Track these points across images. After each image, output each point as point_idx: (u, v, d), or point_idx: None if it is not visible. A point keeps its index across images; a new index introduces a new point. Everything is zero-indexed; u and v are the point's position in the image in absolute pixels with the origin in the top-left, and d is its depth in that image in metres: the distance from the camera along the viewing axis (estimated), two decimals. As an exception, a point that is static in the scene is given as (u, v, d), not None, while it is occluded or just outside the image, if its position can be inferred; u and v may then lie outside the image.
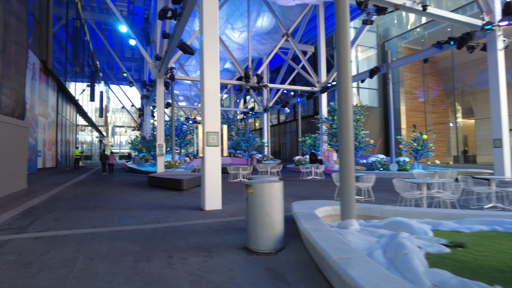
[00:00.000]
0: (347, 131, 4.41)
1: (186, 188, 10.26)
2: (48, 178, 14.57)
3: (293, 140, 38.57)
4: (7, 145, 9.15)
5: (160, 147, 16.34)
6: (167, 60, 14.39)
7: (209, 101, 6.85)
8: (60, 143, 20.33)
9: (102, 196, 8.98)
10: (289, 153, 39.59)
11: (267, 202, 3.75)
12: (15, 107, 9.64)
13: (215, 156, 6.82)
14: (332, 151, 19.61)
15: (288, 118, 40.51)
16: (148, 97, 25.18)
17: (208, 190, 6.69)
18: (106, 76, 45.63)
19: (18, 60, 9.74)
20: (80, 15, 24.53)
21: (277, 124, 42.32)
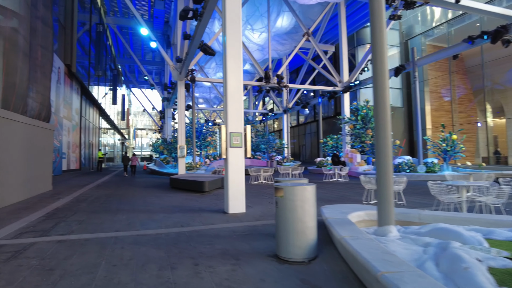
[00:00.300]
0: (384, 132, 4.06)
1: (208, 190, 10.09)
2: (72, 180, 14.79)
3: (313, 141, 38.00)
4: (33, 147, 9.27)
5: (181, 149, 16.32)
6: (187, 61, 14.35)
7: (232, 101, 6.63)
8: (84, 145, 20.72)
9: (124, 198, 8.93)
10: (309, 154, 39.03)
11: (299, 206, 3.46)
12: (41, 109, 9.77)
13: (239, 158, 6.58)
14: (355, 152, 19.04)
15: (307, 119, 39.97)
16: (169, 99, 25.37)
17: (232, 193, 6.46)
18: (127, 80, 46.59)
19: (44, 63, 9.88)
20: (102, 20, 25.06)
21: (296, 125, 41.85)
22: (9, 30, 8.14)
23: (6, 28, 8.07)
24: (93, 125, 25.19)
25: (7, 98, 7.83)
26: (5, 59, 7.91)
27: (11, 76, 7.93)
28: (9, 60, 7.98)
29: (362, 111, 18.50)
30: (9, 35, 8.10)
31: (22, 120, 8.32)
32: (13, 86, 7.93)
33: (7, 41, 8.00)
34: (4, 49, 8.03)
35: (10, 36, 8.12)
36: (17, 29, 8.23)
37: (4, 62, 7.97)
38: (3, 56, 8.02)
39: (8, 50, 8.03)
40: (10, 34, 8.15)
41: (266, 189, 11.05)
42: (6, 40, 7.99)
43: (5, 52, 7.98)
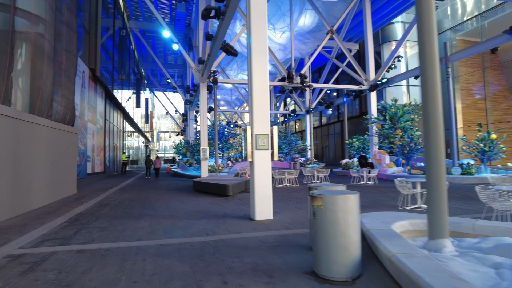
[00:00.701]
0: (435, 130, 3.55)
1: (232, 194, 9.76)
2: (97, 183, 14.89)
3: (337, 142, 37.07)
4: (58, 151, 9.26)
5: (204, 151, 16.13)
6: (210, 63, 14.13)
7: (258, 102, 6.25)
8: (108, 148, 20.99)
9: (147, 202, 8.74)
10: (333, 156, 38.10)
11: (342, 219, 3.02)
12: (66, 113, 9.77)
13: (265, 161, 6.19)
14: (384, 153, 18.22)
15: (330, 119, 39.07)
16: (191, 102, 25.38)
17: (258, 198, 6.08)
18: (150, 83, 47.35)
19: (68, 67, 9.89)
20: (125, 24, 25.44)
21: (319, 126, 41.02)
22: (34, 34, 8.15)
23: (31, 33, 8.08)
24: (117, 128, 25.56)
25: (32, 102, 7.81)
26: (31, 63, 7.90)
27: (36, 80, 7.91)
28: (35, 64, 7.98)
29: (391, 110, 17.67)
30: (34, 40, 8.10)
31: (47, 124, 8.30)
32: (38, 90, 7.91)
33: (32, 46, 8.00)
34: (29, 54, 8.03)
35: (35, 41, 8.13)
36: (42, 34, 8.23)
37: (30, 66, 7.97)
38: (30, 60, 8.02)
39: (34, 54, 8.03)
40: (35, 38, 8.15)
41: (291, 193, 10.60)
42: (32, 44, 7.99)
43: (31, 57, 7.98)
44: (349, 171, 19.84)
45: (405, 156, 16.95)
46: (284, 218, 6.23)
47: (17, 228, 5.50)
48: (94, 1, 16.40)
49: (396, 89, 28.93)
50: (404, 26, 29.49)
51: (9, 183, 6.56)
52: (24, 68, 7.76)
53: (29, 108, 7.72)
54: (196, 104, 25.75)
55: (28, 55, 7.99)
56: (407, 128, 17.27)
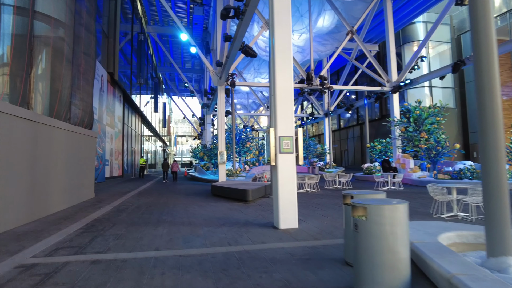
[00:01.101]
0: (494, 129, 3.08)
1: (251, 199, 9.39)
2: (115, 187, 14.83)
3: (356, 146, 36.20)
4: (76, 155, 9.15)
5: (222, 155, 15.86)
6: (228, 65, 13.88)
7: (281, 101, 5.88)
8: (126, 152, 21.05)
9: (165, 207, 8.48)
10: (352, 160, 37.21)
11: (390, 232, 2.60)
12: (83, 116, 9.68)
13: (290, 165, 5.80)
14: (408, 157, 17.46)
15: (349, 122, 38.24)
16: (208, 106, 25.27)
17: (283, 205, 5.68)
18: (168, 88, 47.79)
19: (86, 70, 9.82)
20: (144, 29, 25.64)
21: (337, 129, 40.24)
22: (53, 37, 8.07)
23: (50, 36, 8.00)
24: (136, 132, 25.71)
25: (51, 105, 7.70)
26: (50, 66, 7.82)
27: (55, 82, 7.82)
28: (53, 67, 7.89)
29: (415, 113, 16.94)
30: (53, 43, 8.03)
31: (65, 127, 8.19)
32: (57, 92, 7.80)
33: (51, 48, 7.92)
34: (48, 56, 7.95)
35: (54, 44, 8.05)
36: (61, 37, 8.15)
37: (49, 69, 7.89)
38: (49, 63, 7.94)
39: (52, 57, 7.95)
40: (54, 41, 8.08)
41: (314, 199, 10.13)
42: (51, 47, 7.91)
43: (50, 59, 7.90)
44: (371, 176, 19.17)
45: (431, 160, 16.17)
46: (310, 226, 5.81)
47: (33, 234, 5.31)
48: (113, 6, 16.51)
49: (418, 91, 28.00)
50: (426, 26, 28.59)
51: (27, 187, 6.42)
52: (43, 71, 7.67)
53: (48, 111, 7.62)
54: (213, 108, 25.61)
55: (47, 57, 7.92)
56: (432, 131, 16.51)
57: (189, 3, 23.44)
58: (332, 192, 12.23)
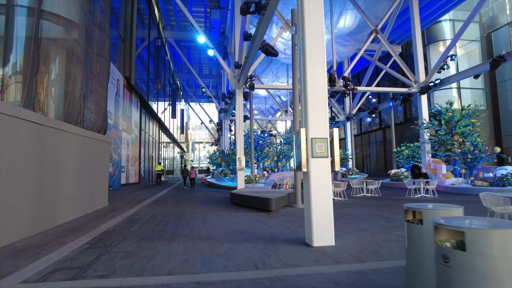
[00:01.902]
0: None
1: (275, 209, 8.59)
2: (130, 194, 14.34)
3: (379, 151, 34.80)
4: (88, 161, 8.62)
5: (240, 161, 15.15)
6: (247, 66, 13.22)
7: (313, 97, 5.11)
8: (143, 158, 20.67)
9: (182, 217, 7.79)
10: (375, 166, 35.78)
11: (502, 268, 1.76)
12: (96, 120, 9.18)
13: (324, 171, 4.99)
14: (439, 162, 16.24)
15: (370, 126, 36.89)
16: (226, 110, 24.72)
17: (316, 219, 4.86)
18: (186, 94, 47.80)
19: (100, 72, 9.35)
20: (161, 35, 25.47)
21: (358, 134, 38.94)
22: (63, 36, 7.60)
23: (60, 35, 7.54)
24: (153, 138, 25.41)
25: (60, 107, 7.19)
26: (59, 65, 7.33)
27: (65, 84, 7.31)
28: (63, 67, 7.40)
29: (447, 114, 15.76)
30: (63, 42, 7.55)
31: (75, 132, 7.67)
32: (66, 94, 7.29)
33: (60, 47, 7.44)
34: (58, 56, 7.48)
35: (64, 43, 7.58)
36: (72, 35, 7.67)
37: (58, 69, 7.40)
38: (59, 63, 7.47)
39: (62, 56, 7.47)
40: (64, 40, 7.60)
41: (343, 209, 9.23)
42: (59, 46, 7.44)
43: (60, 59, 7.42)
44: (399, 183, 18.00)
45: (467, 165, 14.91)
46: (348, 244, 4.96)
47: (32, 250, 4.69)
48: (130, 9, 16.22)
49: (445, 92, 26.57)
50: (453, 24, 27.23)
51: (32, 196, 5.87)
52: (52, 71, 7.18)
53: (57, 114, 7.10)
54: (231, 113, 25.05)
55: (56, 57, 7.44)
56: (467, 134, 15.28)
57: (206, 6, 23.09)
58: (361, 201, 11.26)
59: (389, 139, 33.21)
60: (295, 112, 9.62)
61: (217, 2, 22.66)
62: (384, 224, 6.65)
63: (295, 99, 9.99)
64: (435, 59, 25.57)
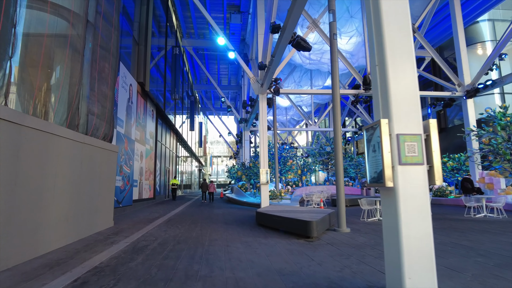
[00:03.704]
0: None
1: (316, 235, 6.74)
2: (142, 211, 12.78)
3: (410, 164, 32.22)
4: (88, 173, 7.11)
5: (265, 174, 13.39)
6: (273, 66, 11.61)
7: (396, 75, 3.37)
8: (159, 172, 19.23)
9: (199, 246, 6.07)
10: (405, 180, 33.13)
11: None
12: (99, 124, 7.71)
13: (420, 186, 3.19)
14: (496, 175, 13.95)
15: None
16: (246, 120, 23.19)
17: (410, 261, 3.04)
18: (204, 107, 46.90)
19: (104, 68, 7.94)
20: (179, 43, 24.47)
21: (386, 146, 36.45)
22: (50, 16, 6.23)
23: (46, 15, 6.16)
24: (170, 150, 24.07)
25: (45, 104, 5.72)
26: (44, 49, 5.91)
27: (53, 74, 5.86)
28: (50, 54, 5.99)
29: (504, 119, 13.56)
30: (50, 23, 6.17)
31: (69, 136, 6.17)
32: (55, 88, 5.83)
33: (46, 29, 6.04)
34: (44, 41, 6.08)
35: (51, 24, 6.19)
36: (63, 16, 6.27)
37: (42, 54, 5.98)
38: (43, 47, 6.07)
39: (49, 41, 6.07)
40: (52, 21, 6.22)
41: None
42: (46, 28, 6.04)
43: (45, 44, 6.01)
44: (445, 199, 15.76)
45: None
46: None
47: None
48: (145, 11, 15.11)
49: (486, 98, 24.15)
50: (493, 25, 25.00)
51: (4, 218, 4.33)
52: (35, 58, 5.75)
53: (41, 113, 5.63)
54: (251, 123, 23.48)
55: (42, 42, 6.04)
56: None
57: (226, 12, 21.96)
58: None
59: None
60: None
61: (237, 7, 21.51)
62: (479, 260, 4.72)
63: (336, 99, 8.25)
64: (472, 63, 23.34)
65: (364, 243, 6.20)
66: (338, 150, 8.09)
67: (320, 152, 26.20)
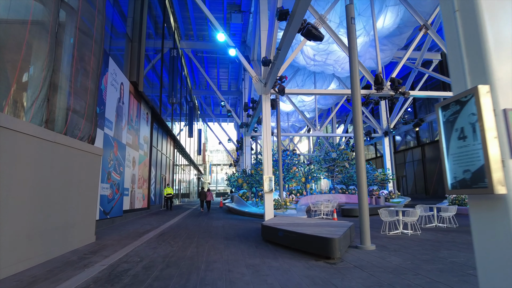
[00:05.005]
0: None
1: (339, 255, 5.47)
2: (133, 223, 11.48)
3: (417, 171, 31.02)
4: (63, 179, 5.88)
5: (269, 182, 12.14)
6: (279, 62, 10.44)
7: (498, 14, 2.17)
8: (154, 180, 17.94)
9: (193, 271, 4.79)
10: (413, 188, 31.85)
11: None
12: (77, 122, 6.49)
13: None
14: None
15: (406, 144, 33.24)
16: (248, 124, 21.99)
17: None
18: (204, 113, 45.80)
19: (82, 55, 6.76)
20: (176, 45, 23.43)
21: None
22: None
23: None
24: (167, 157, 22.81)
25: (5, 96, 4.52)
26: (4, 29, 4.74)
27: (15, 59, 4.68)
28: (9, 29, 4.81)
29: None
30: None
31: (33, 133, 4.96)
32: (13, 71, 4.64)
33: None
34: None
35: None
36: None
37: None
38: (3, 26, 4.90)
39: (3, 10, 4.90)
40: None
41: (437, 251, 6.02)
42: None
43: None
44: (465, 208, 14.50)
45: None
46: None
47: None
48: (139, 5, 14.04)
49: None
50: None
51: None
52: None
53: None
54: (253, 127, 22.28)
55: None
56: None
57: (226, 11, 20.95)
58: (445, 235, 7.97)
59: (430, 158, 29.54)
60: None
61: (238, 6, 20.50)
62: None
63: (356, 90, 7.07)
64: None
65: (400, 266, 4.94)
66: (360, 154, 6.88)
67: (325, 159, 24.91)
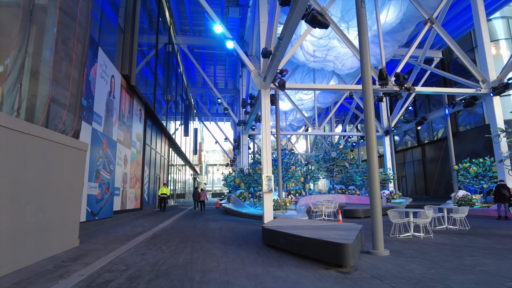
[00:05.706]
0: None
1: (353, 263, 4.79)
2: (123, 225, 10.73)
3: (417, 171, 30.52)
4: (37, 177, 5.16)
5: (269, 181, 11.46)
6: (280, 53, 9.76)
7: None
8: (148, 179, 17.17)
9: (186, 283, 4.10)
10: (412, 188, 31.34)
11: None
12: (58, 113, 5.77)
13: None
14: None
15: (406, 144, 32.73)
16: (245, 122, 21.28)
17: None
18: (200, 112, 45.04)
19: (64, 38, 6.03)
20: (172, 40, 22.69)
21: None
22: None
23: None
24: (162, 156, 22.04)
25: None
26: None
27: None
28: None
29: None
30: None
31: (3, 124, 4.24)
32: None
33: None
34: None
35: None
36: None
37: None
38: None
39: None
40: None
41: (460, 257, 5.38)
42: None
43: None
44: (479, 209, 13.93)
45: None
46: None
47: None
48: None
49: (503, 100, 22.55)
50: (507, 22, 23.59)
51: None
52: None
53: None
54: (251, 125, 21.59)
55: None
56: None
57: (223, 5, 20.25)
58: (460, 239, 7.34)
59: (431, 158, 29.02)
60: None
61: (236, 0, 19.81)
62: None
63: (367, 78, 6.41)
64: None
65: (425, 276, 4.27)
66: (372, 150, 6.22)
67: (324, 158, 24.29)
